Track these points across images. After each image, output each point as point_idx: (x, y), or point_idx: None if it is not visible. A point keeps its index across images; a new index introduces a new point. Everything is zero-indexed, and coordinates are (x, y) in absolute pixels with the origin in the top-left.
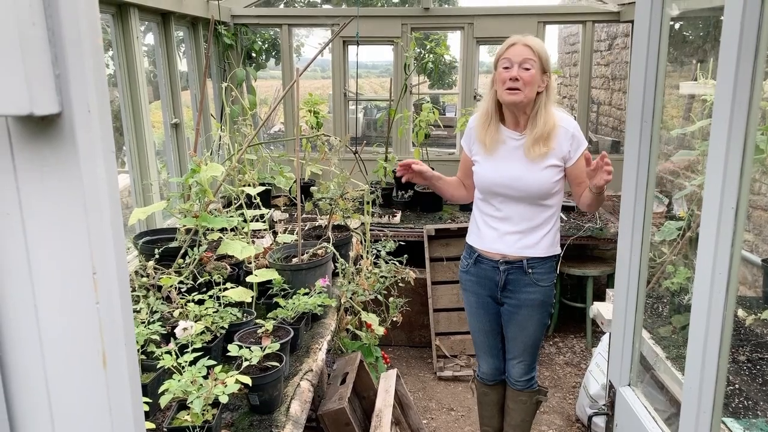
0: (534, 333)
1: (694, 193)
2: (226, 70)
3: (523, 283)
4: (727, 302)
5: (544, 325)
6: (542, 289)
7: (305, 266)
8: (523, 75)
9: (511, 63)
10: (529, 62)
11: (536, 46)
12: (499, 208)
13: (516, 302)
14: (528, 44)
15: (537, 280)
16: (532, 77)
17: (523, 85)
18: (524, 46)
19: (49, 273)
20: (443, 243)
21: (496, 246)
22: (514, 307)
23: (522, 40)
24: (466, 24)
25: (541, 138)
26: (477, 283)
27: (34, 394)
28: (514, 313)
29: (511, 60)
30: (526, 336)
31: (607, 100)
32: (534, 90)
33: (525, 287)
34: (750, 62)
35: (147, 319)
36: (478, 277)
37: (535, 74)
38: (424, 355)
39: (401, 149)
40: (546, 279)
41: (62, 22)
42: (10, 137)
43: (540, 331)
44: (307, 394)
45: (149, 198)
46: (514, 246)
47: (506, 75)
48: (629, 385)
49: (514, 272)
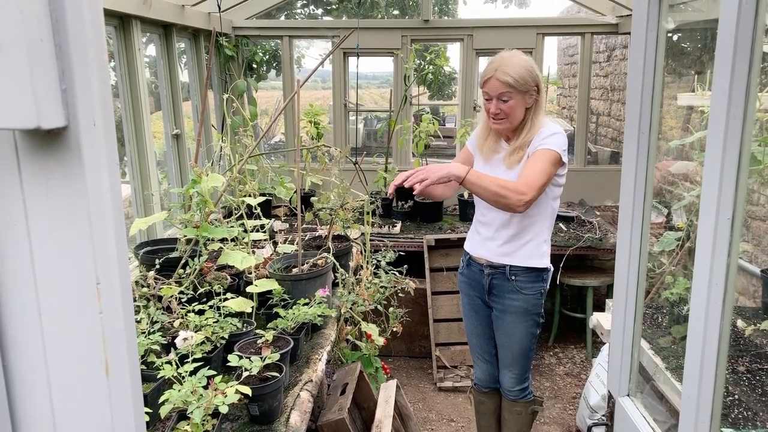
0: (521, 341)
1: (693, 203)
2: (227, 81)
3: (507, 289)
4: (724, 312)
5: (532, 335)
6: (526, 297)
7: (305, 276)
8: (502, 107)
9: (490, 96)
10: (506, 95)
11: (511, 76)
12: (483, 213)
13: (501, 307)
14: (500, 79)
15: (520, 287)
16: (512, 107)
17: (505, 116)
18: (497, 81)
19: (54, 283)
20: (443, 253)
21: (479, 251)
22: (500, 312)
23: (496, 74)
24: (465, 36)
25: (522, 146)
26: (469, 284)
27: (37, 402)
28: (501, 319)
29: (489, 94)
30: (513, 344)
31: (606, 111)
32: (519, 114)
33: (508, 293)
34: (744, 74)
35: (147, 329)
36: (469, 278)
37: (516, 102)
38: (424, 366)
39: (401, 160)
40: (530, 288)
41: (69, 38)
42: (17, 150)
43: (528, 341)
44: (307, 404)
45: (150, 208)
46: (494, 252)
47: (488, 107)
48: (628, 396)
49: (498, 277)
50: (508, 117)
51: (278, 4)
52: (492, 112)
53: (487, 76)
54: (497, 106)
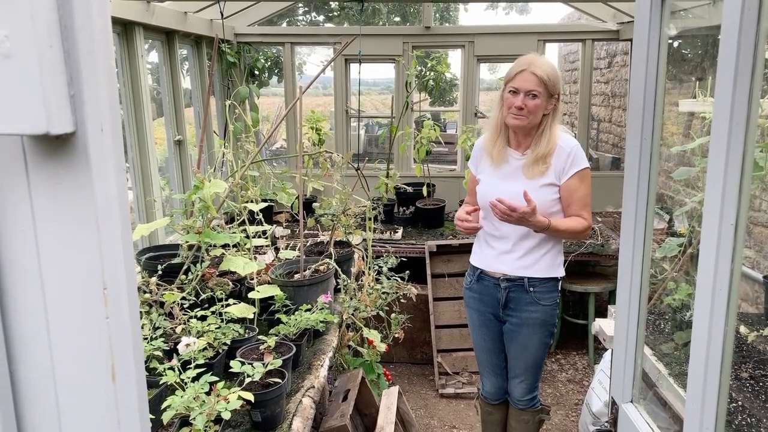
0: (535, 352)
1: (695, 209)
2: (229, 87)
3: (525, 301)
4: (728, 318)
5: (545, 344)
6: (544, 308)
7: (307, 282)
8: (528, 104)
9: (519, 90)
10: (536, 91)
11: (545, 73)
12: (497, 226)
13: (518, 320)
14: (536, 73)
15: (538, 299)
16: (537, 106)
17: (528, 113)
18: (532, 75)
19: (61, 288)
20: (445, 259)
21: (495, 265)
22: (515, 326)
23: (531, 67)
24: (466, 42)
25: (541, 157)
26: (480, 300)
27: (44, 407)
28: (516, 332)
29: (519, 88)
30: (527, 355)
31: (607, 117)
32: (539, 116)
33: (526, 305)
34: (747, 81)
35: (150, 335)
36: (480, 294)
37: (541, 102)
38: (425, 372)
39: (403, 166)
40: (548, 298)
41: (78, 45)
42: (25, 155)
43: (542, 351)
44: (309, 410)
45: (152, 214)
46: (512, 265)
47: (512, 101)
48: (632, 402)
49: (515, 290)
50: (530, 115)
51: (280, 11)
52: (517, 105)
53: (519, 69)
54: (524, 101)
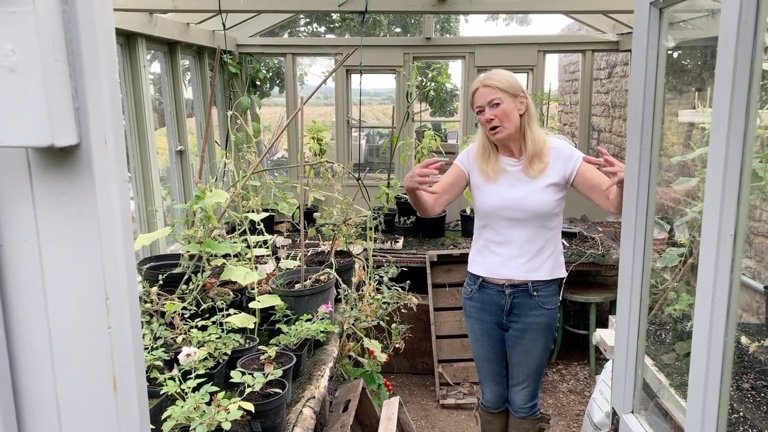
0: (538, 358)
1: (695, 219)
2: (231, 97)
3: (529, 306)
4: (727, 329)
5: (548, 349)
6: (547, 312)
7: (308, 292)
8: (496, 113)
9: (482, 107)
10: (496, 98)
11: (496, 80)
12: (501, 232)
13: (522, 326)
14: (488, 84)
15: (542, 302)
16: (505, 111)
17: (500, 121)
18: (485, 88)
19: (64, 298)
20: (445, 269)
21: (500, 271)
22: (519, 332)
23: (482, 83)
24: (467, 53)
25: (535, 155)
26: (482, 309)
27: (45, 417)
28: (520, 338)
29: (481, 104)
30: (530, 361)
31: (608, 127)
32: (514, 118)
33: (531, 310)
34: (744, 92)
35: (150, 345)
36: (483, 303)
37: (507, 105)
38: (426, 383)
39: (403, 175)
40: (551, 302)
41: (83, 58)
42: (29, 167)
43: (544, 356)
44: (310, 421)
45: (153, 224)
46: (519, 270)
47: (482, 119)
48: (632, 413)
49: (519, 295)
50: (504, 122)
51: (282, 22)
52: (486, 118)
53: (473, 90)
54: (491, 113)
